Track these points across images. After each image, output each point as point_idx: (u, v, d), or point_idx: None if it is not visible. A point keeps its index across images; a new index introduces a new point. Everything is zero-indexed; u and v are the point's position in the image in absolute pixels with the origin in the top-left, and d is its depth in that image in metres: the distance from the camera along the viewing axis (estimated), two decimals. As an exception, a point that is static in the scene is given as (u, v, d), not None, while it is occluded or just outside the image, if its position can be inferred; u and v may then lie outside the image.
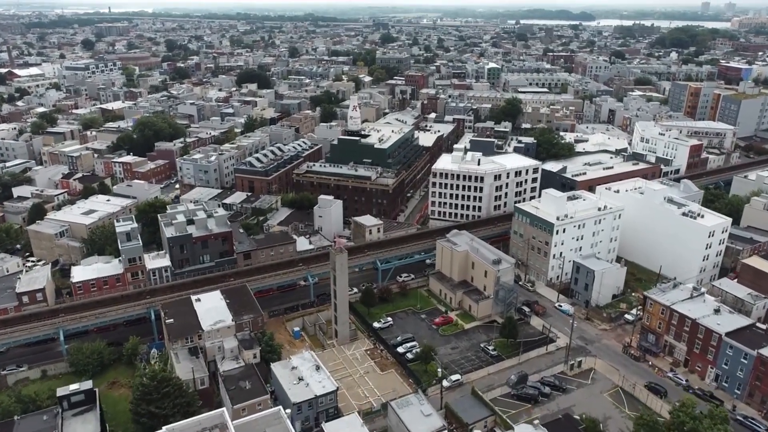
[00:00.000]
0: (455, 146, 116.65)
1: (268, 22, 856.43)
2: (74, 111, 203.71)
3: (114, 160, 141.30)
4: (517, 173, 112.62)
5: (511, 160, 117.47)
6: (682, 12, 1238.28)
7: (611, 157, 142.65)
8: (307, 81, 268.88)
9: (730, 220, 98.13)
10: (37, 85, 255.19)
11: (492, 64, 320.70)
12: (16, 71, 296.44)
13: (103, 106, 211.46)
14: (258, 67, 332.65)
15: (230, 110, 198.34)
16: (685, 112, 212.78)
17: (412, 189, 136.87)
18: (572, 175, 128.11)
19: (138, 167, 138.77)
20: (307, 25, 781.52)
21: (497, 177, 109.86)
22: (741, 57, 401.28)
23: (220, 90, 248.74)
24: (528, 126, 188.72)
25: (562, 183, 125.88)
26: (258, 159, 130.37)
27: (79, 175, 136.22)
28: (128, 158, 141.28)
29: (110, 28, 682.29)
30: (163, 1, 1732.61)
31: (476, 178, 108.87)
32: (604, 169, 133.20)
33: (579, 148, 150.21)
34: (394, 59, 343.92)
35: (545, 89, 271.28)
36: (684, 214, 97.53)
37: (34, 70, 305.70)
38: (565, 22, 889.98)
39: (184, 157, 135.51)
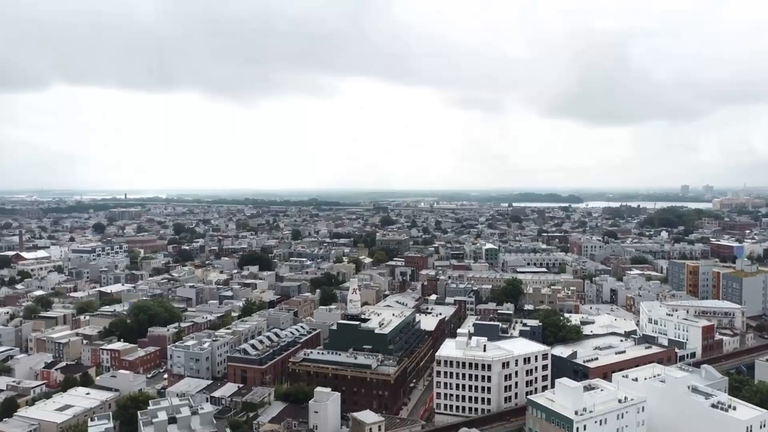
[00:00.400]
0: (459, 330, 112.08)
1: (275, 206, 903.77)
2: (72, 294, 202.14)
3: (102, 347, 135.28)
4: (526, 360, 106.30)
5: (519, 346, 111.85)
6: (664, 194, 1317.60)
7: (621, 340, 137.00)
8: (308, 263, 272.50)
9: (766, 412, 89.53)
10: (41, 268, 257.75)
11: (489, 245, 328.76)
12: (24, 254, 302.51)
13: (102, 289, 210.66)
14: (261, 250, 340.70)
15: (229, 293, 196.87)
16: (687, 290, 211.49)
17: (416, 378, 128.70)
18: (584, 361, 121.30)
19: (127, 355, 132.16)
20: (310, 209, 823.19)
21: (505, 364, 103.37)
22: (729, 235, 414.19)
23: (221, 272, 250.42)
24: (530, 307, 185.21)
25: (574, 370, 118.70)
26: (253, 346, 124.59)
27: (62, 364, 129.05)
28: (117, 345, 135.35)
29: (123, 213, 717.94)
30: (177, 188, 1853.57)
31: (483, 366, 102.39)
32: (616, 353, 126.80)
33: (586, 330, 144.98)
34: (393, 241, 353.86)
35: (543, 269, 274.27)
36: (713, 405, 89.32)
37: (41, 253, 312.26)
38: (555, 205, 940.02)
39: (177, 343, 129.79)
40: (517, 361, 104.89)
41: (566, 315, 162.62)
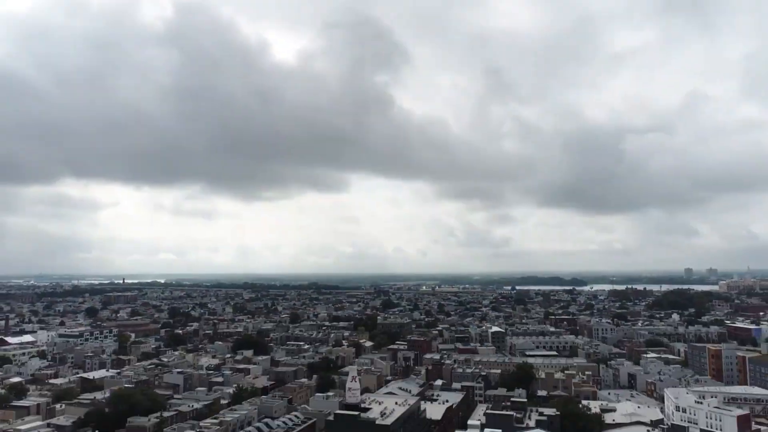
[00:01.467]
0: (470, 422, 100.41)
1: (273, 290, 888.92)
2: (51, 381, 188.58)
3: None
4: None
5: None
6: (668, 277, 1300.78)
7: (648, 431, 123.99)
8: (306, 347, 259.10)
9: None
10: (23, 353, 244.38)
11: (496, 328, 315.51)
12: (8, 339, 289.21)
13: (84, 374, 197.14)
14: (257, 333, 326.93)
15: (220, 379, 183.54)
16: (710, 375, 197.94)
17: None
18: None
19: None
20: (310, 292, 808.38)
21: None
22: (743, 317, 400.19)
23: (213, 357, 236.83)
24: (544, 393, 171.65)
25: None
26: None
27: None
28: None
29: (118, 297, 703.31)
30: (176, 273, 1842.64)
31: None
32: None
33: (608, 419, 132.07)
34: (395, 324, 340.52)
35: (554, 352, 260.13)
36: None
37: (27, 338, 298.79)
38: (559, 288, 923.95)
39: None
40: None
41: (584, 402, 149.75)
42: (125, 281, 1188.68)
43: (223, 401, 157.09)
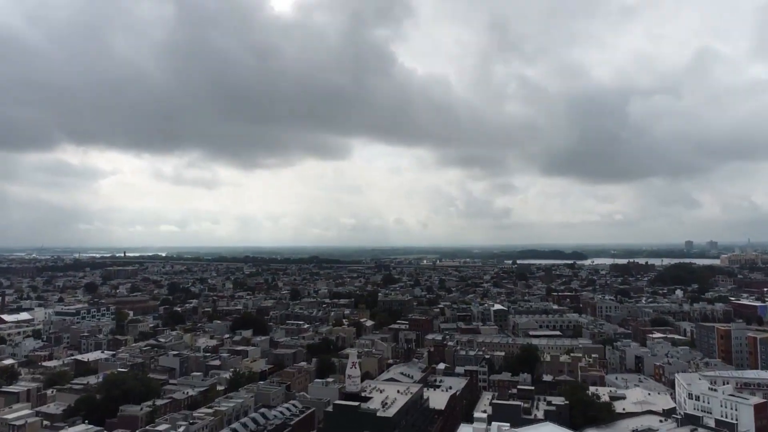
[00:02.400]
0: (476, 414, 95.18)
1: (275, 264, 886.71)
2: (45, 363, 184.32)
3: None
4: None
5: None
6: (668, 250, 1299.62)
7: (661, 421, 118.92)
8: (306, 326, 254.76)
9: None
10: (18, 333, 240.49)
11: (498, 306, 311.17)
12: (5, 317, 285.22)
13: (79, 357, 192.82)
14: (257, 311, 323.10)
15: (217, 362, 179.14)
16: (718, 357, 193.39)
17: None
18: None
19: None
20: (311, 267, 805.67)
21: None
22: (747, 294, 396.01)
23: (211, 337, 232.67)
24: (549, 378, 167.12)
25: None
26: (235, 431, 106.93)
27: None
28: (78, 429, 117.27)
29: (119, 272, 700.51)
30: (178, 246, 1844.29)
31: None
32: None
33: (618, 407, 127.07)
34: (396, 302, 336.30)
35: (557, 332, 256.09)
36: None
37: (24, 315, 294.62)
38: (560, 262, 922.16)
39: (147, 428, 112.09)
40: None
41: (592, 389, 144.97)
42: (126, 255, 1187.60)
43: (219, 387, 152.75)
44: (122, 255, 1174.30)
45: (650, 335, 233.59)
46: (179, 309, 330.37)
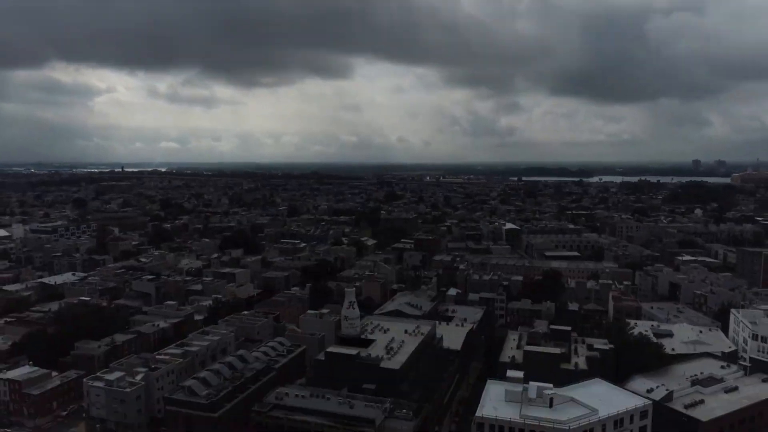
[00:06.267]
0: (509, 373, 73.58)
1: (274, 180, 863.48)
2: (6, 287, 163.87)
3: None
4: (618, 423, 67.57)
5: (600, 394, 73.16)
6: (675, 168, 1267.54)
7: (722, 367, 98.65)
8: (302, 245, 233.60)
9: None
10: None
11: (510, 225, 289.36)
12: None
13: (45, 280, 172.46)
14: (251, 228, 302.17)
15: (198, 287, 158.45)
16: (762, 285, 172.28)
17: (437, 425, 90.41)
18: (685, 407, 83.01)
19: (32, 386, 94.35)
20: (311, 182, 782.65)
21: (588, 433, 64.87)
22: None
23: (198, 257, 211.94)
24: (575, 308, 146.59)
25: (672, 421, 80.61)
26: (204, 380, 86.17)
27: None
28: (21, 371, 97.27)
29: (114, 187, 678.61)
30: (179, 161, 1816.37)
31: (554, 436, 63.99)
32: (726, 392, 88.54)
33: (666, 347, 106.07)
34: (400, 219, 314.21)
35: (575, 252, 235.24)
36: None
37: (1, 232, 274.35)
38: (567, 179, 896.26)
39: (98, 374, 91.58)
40: (604, 426, 66.25)
41: (629, 322, 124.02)
42: (124, 170, 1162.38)
43: (197, 316, 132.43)
44: (120, 170, 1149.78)
45: (679, 258, 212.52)
46: (168, 226, 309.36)
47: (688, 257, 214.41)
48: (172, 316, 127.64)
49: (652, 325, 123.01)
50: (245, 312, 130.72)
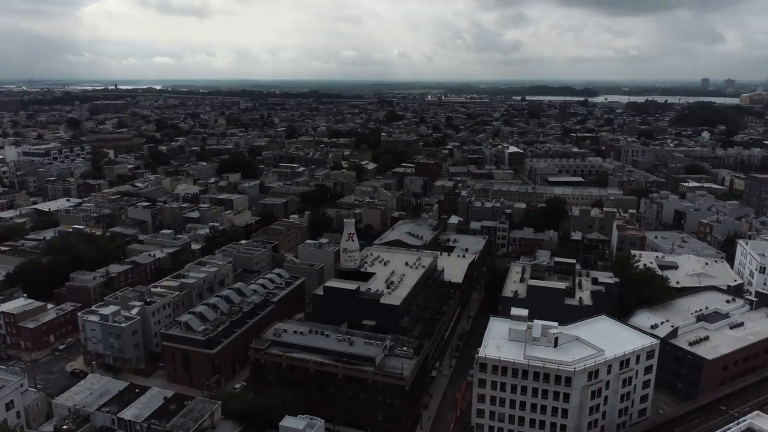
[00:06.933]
0: (513, 311, 71.71)
1: (272, 99, 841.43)
2: (1, 213, 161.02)
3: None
4: (623, 364, 66.23)
5: (605, 332, 71.51)
6: (683, 88, 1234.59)
7: (728, 301, 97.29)
8: (301, 169, 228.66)
9: None
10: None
11: (513, 148, 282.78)
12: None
13: (39, 206, 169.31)
14: (249, 151, 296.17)
15: (195, 214, 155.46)
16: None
17: (438, 359, 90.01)
18: (690, 344, 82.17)
19: (28, 319, 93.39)
20: (310, 101, 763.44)
21: (593, 374, 63.57)
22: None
23: (195, 181, 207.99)
24: (578, 237, 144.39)
25: (678, 359, 80.00)
26: (201, 315, 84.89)
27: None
28: (16, 304, 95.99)
29: (108, 106, 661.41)
30: (174, 78, 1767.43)
31: (558, 378, 62.73)
32: (731, 327, 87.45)
33: (671, 280, 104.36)
34: (401, 142, 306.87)
35: (579, 178, 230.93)
36: None
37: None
38: (571, 98, 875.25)
39: (93, 308, 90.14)
40: (610, 367, 64.91)
41: (634, 253, 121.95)
42: (117, 87, 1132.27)
43: (195, 246, 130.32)
44: (114, 88, 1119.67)
45: (684, 184, 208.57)
46: (164, 148, 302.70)
47: (694, 183, 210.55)
48: (168, 246, 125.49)
49: (657, 257, 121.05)
50: (243, 241, 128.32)
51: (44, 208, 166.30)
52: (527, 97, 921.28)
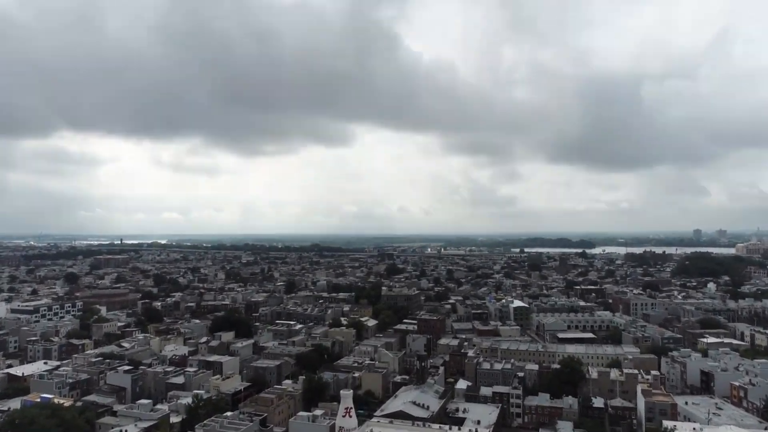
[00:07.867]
0: None
1: (274, 252, 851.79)
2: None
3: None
4: None
5: None
6: (677, 238, 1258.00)
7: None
8: (298, 327, 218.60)
9: None
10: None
11: (518, 302, 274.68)
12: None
13: (12, 370, 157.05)
14: (246, 307, 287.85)
15: (180, 379, 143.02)
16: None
17: None
18: None
19: None
20: (311, 255, 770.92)
21: None
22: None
23: (186, 341, 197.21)
24: (601, 404, 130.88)
25: None
26: None
27: None
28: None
29: (110, 260, 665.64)
30: (180, 233, 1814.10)
31: None
32: None
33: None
34: (402, 296, 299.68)
35: (590, 334, 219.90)
36: None
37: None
38: (569, 250, 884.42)
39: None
40: None
41: (666, 425, 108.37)
42: (123, 242, 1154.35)
43: (174, 418, 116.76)
44: (119, 242, 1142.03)
45: (703, 340, 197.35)
46: (159, 304, 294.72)
47: (713, 339, 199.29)
48: (145, 419, 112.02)
49: (694, 429, 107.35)
50: (228, 414, 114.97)
51: (18, 372, 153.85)
52: (525, 249, 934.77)
